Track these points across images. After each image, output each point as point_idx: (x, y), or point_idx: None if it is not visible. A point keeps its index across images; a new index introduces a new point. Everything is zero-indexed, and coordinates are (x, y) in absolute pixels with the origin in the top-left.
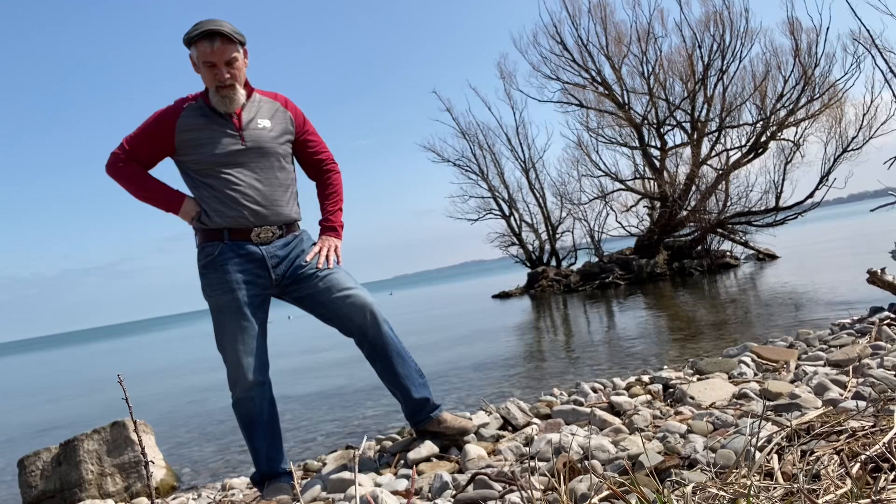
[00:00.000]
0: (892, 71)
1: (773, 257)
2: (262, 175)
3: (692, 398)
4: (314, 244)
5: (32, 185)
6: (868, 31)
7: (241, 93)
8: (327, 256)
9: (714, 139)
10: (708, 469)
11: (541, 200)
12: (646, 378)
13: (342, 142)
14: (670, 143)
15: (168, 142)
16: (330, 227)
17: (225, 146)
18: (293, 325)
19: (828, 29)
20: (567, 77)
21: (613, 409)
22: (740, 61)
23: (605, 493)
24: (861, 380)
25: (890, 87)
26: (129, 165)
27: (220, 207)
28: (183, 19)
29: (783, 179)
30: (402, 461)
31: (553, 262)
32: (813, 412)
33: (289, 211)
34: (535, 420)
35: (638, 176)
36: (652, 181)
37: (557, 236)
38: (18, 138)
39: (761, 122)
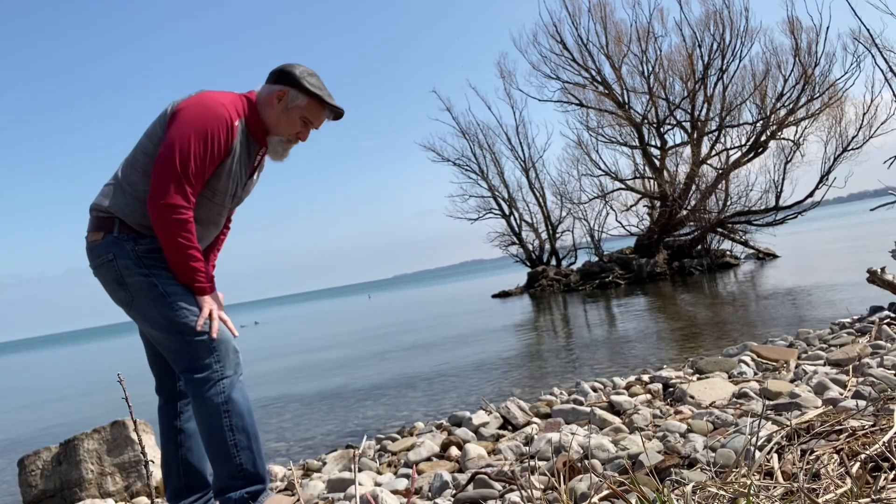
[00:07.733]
0: (892, 70)
1: (773, 256)
2: (222, 220)
3: (692, 397)
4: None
5: (35, 184)
6: (868, 30)
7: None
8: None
9: (714, 138)
10: (708, 468)
11: (541, 200)
12: (646, 377)
13: (345, 144)
14: (670, 143)
15: (220, 162)
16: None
17: (234, 189)
18: (264, 330)
19: (828, 28)
20: (567, 76)
21: (613, 408)
22: (740, 60)
23: (605, 492)
24: (861, 379)
25: (890, 86)
26: (192, 220)
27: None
28: (189, 20)
29: (783, 179)
30: (402, 460)
31: (553, 262)
32: (813, 411)
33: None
34: (535, 419)
35: (638, 175)
36: (652, 180)
37: (557, 236)
38: (19, 137)
39: (761, 122)
